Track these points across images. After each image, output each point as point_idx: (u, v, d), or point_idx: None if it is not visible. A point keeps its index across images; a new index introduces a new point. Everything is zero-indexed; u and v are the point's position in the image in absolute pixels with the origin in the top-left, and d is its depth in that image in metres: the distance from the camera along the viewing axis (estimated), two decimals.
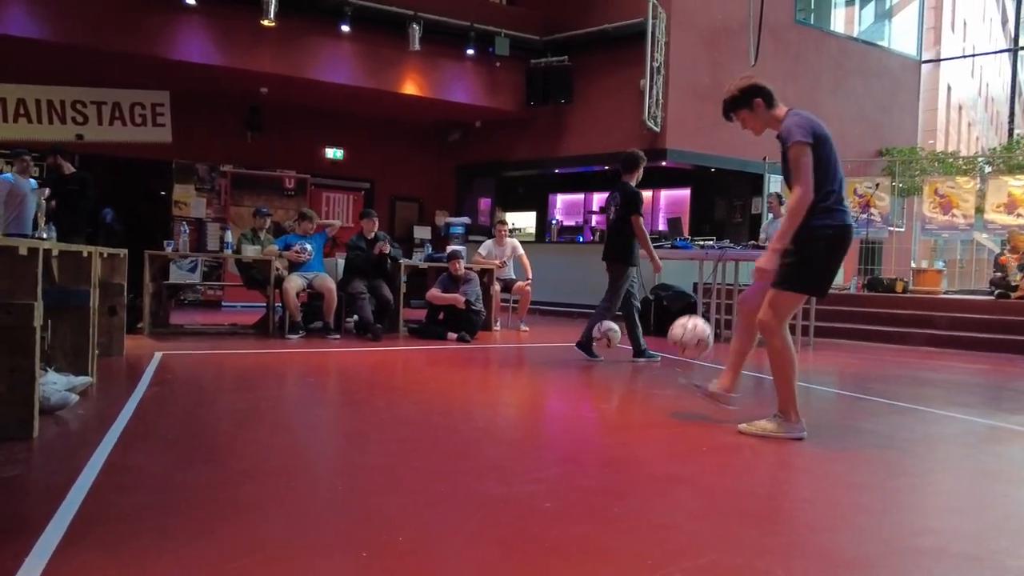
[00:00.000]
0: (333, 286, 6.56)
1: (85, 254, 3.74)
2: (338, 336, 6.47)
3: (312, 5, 9.22)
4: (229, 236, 7.19)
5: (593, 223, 12.46)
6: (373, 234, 6.87)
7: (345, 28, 9.29)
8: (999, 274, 8.80)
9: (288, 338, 6.29)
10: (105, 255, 4.54)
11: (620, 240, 5.43)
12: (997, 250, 10.20)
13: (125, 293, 4.94)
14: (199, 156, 10.53)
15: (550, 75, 10.45)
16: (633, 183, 5.45)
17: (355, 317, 6.84)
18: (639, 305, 5.70)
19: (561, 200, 13.07)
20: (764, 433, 3.12)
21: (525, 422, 3.56)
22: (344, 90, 9.93)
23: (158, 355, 4.98)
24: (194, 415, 3.31)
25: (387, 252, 6.81)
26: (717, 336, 5.69)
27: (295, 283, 6.43)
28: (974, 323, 8.01)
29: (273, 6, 8.48)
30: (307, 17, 9.26)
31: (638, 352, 5.56)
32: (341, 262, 7.17)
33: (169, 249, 6.68)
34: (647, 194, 11.84)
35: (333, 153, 11.57)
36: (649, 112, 9.68)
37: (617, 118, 10.20)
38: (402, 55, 9.81)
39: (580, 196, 12.81)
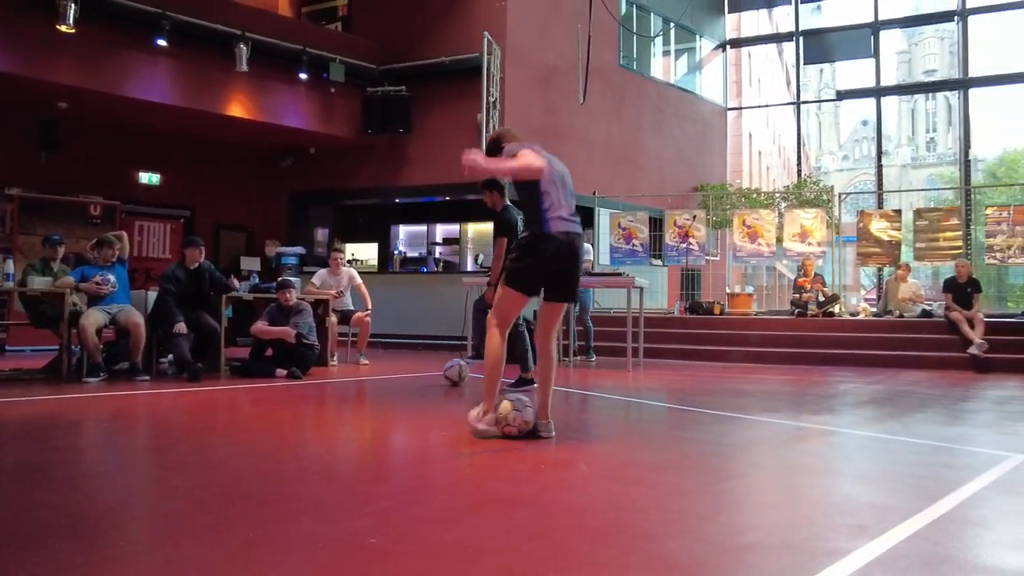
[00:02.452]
0: (141, 321, 5.83)
1: None
2: (147, 377, 5.74)
3: (123, 14, 8.39)
4: (11, 267, 6.19)
5: (437, 254, 12.37)
6: (197, 264, 6.24)
7: (162, 42, 8.56)
8: (798, 295, 9.89)
9: (86, 381, 5.46)
10: None
11: None
12: (793, 276, 11.49)
13: None
14: None
15: (388, 104, 10.33)
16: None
17: (170, 356, 6.12)
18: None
19: (404, 231, 12.85)
20: (480, 431, 3.31)
21: (357, 457, 3.30)
22: (161, 109, 9.11)
23: None
24: None
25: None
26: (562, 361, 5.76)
27: (95, 319, 5.63)
28: (780, 339, 8.91)
29: (72, 11, 7.60)
30: (116, 27, 8.42)
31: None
32: (152, 295, 6.41)
33: None
34: (488, 226, 12.03)
35: (148, 178, 10.54)
36: None
37: (457, 149, 10.01)
38: (228, 76, 9.21)
39: (423, 227, 12.68)
